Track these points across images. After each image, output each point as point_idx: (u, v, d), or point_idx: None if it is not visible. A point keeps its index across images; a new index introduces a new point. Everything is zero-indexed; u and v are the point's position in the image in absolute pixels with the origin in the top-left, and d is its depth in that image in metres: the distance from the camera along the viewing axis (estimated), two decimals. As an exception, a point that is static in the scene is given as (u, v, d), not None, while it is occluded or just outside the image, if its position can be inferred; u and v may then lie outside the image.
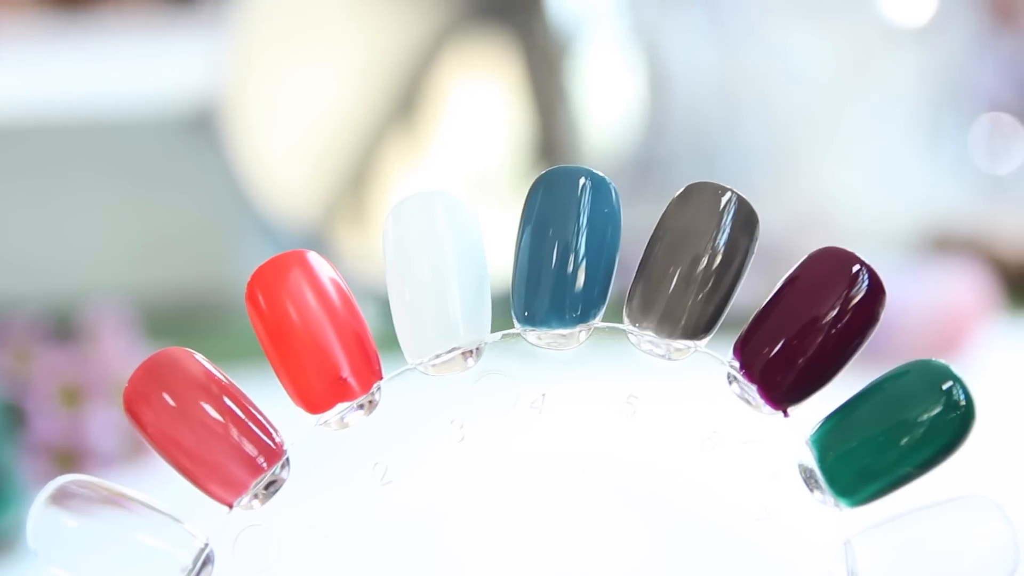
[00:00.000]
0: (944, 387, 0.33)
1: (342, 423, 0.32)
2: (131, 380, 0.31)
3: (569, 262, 0.32)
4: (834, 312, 0.32)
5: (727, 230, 0.33)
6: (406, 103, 0.96)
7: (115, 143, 1.03)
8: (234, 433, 0.31)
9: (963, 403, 0.32)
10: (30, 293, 0.93)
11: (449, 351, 0.32)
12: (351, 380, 0.32)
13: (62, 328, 0.70)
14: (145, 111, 1.01)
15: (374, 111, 0.96)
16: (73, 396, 0.65)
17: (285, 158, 0.96)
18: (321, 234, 0.94)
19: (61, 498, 0.31)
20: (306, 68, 0.98)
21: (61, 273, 1.01)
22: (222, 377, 0.32)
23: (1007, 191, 1.04)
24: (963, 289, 0.80)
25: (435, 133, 0.97)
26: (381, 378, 0.33)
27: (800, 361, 0.33)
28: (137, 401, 0.31)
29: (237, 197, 0.95)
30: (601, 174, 0.33)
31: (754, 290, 0.35)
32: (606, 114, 1.00)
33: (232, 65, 0.96)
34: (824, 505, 0.33)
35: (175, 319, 0.84)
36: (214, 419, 0.31)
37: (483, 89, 0.99)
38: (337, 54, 0.97)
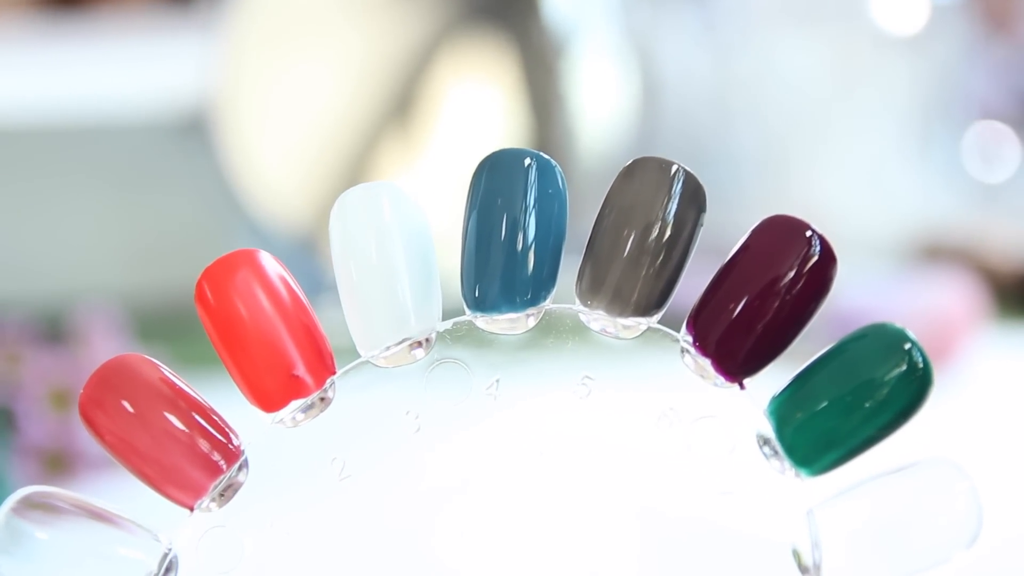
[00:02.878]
0: (901, 350, 0.32)
1: (297, 420, 0.32)
2: (86, 387, 0.31)
3: (516, 245, 0.32)
4: (788, 279, 0.32)
5: (674, 204, 0.32)
6: (401, 105, 0.96)
7: (107, 146, 1.03)
8: (190, 436, 0.31)
9: (921, 365, 0.32)
10: (21, 295, 0.93)
11: (400, 342, 0.32)
12: (304, 376, 0.32)
13: (52, 331, 0.70)
14: (137, 114, 1.01)
15: (369, 113, 0.96)
16: (63, 399, 0.65)
17: (278, 161, 0.96)
18: (314, 237, 0.94)
19: (23, 509, 0.31)
20: (300, 71, 0.98)
21: (52, 276, 1.00)
22: (177, 381, 0.32)
23: (998, 200, 1.04)
24: (953, 298, 0.80)
25: (430, 135, 0.97)
26: (334, 373, 0.33)
27: (755, 331, 0.32)
28: (92, 408, 0.31)
29: (229, 200, 0.95)
30: (545, 156, 0.33)
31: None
32: (599, 119, 1.00)
33: (225, 68, 0.96)
34: (785, 476, 0.33)
35: (166, 322, 0.84)
36: (169, 423, 0.31)
37: (479, 91, 0.99)
38: (332, 57, 0.97)
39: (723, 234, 0.37)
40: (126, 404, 0.31)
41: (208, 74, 0.97)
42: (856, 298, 0.81)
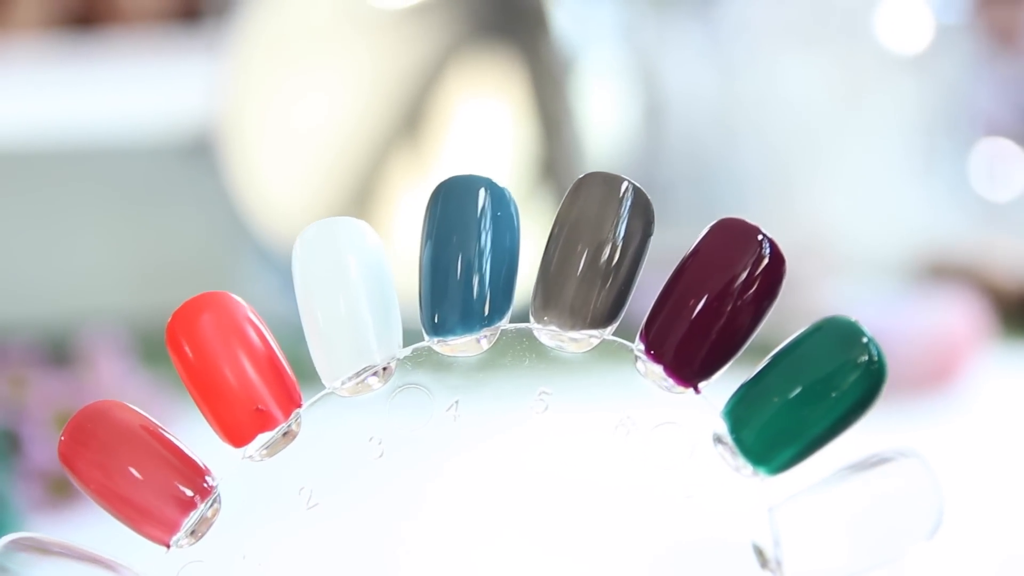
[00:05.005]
0: (854, 344, 0.32)
1: (266, 453, 0.33)
2: (64, 433, 0.33)
3: (471, 269, 0.33)
4: (740, 283, 0.32)
5: (622, 217, 0.33)
6: (410, 122, 0.97)
7: (113, 168, 1.03)
8: (161, 476, 0.32)
9: (875, 359, 0.32)
10: (26, 318, 0.93)
11: (362, 371, 0.33)
12: (272, 410, 0.33)
13: (58, 354, 0.70)
14: (144, 136, 1.02)
15: (378, 131, 0.97)
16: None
17: (285, 183, 0.97)
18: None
19: (10, 552, 0.32)
20: (308, 91, 0.98)
21: (58, 298, 1.01)
22: (151, 423, 0.33)
23: (1004, 218, 1.04)
24: (958, 317, 0.80)
25: (439, 152, 0.97)
26: (300, 406, 0.34)
27: (709, 336, 0.32)
28: (70, 454, 0.33)
29: (236, 223, 0.95)
30: (496, 180, 0.33)
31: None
32: (605, 135, 1.00)
33: (232, 89, 0.96)
34: (744, 476, 0.33)
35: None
36: (142, 465, 0.32)
37: (487, 108, 0.99)
38: (340, 75, 0.98)
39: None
40: (100, 449, 0.32)
41: (215, 95, 0.97)
42: (861, 317, 0.81)
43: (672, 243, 0.36)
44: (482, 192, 0.33)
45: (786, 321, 0.60)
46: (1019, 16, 1.09)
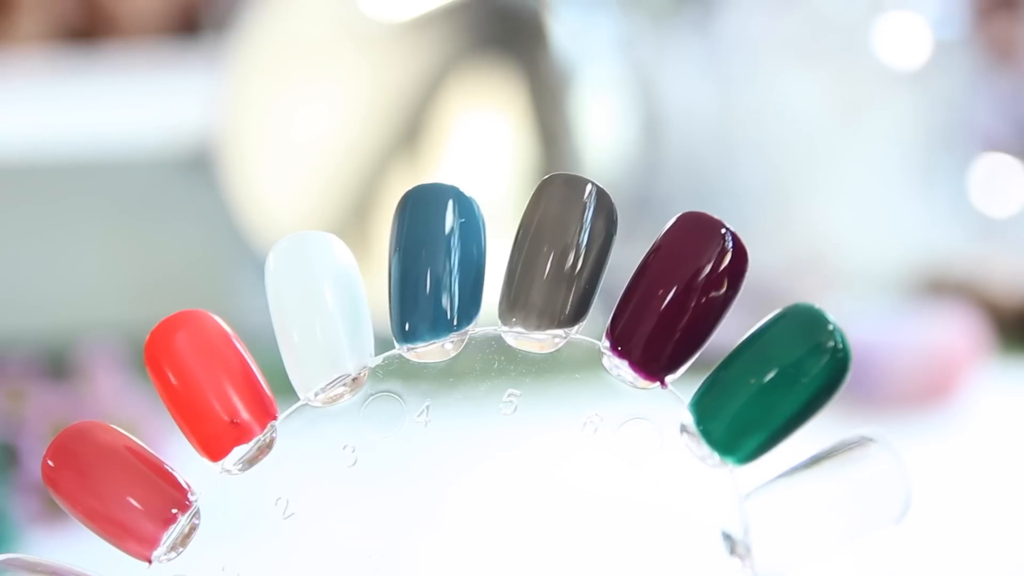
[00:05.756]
0: (818, 331, 0.32)
1: (243, 466, 0.34)
2: (46, 454, 0.34)
3: (438, 276, 0.33)
4: (704, 277, 0.32)
5: (585, 217, 0.33)
6: (409, 136, 0.97)
7: (112, 181, 1.03)
8: (140, 492, 0.34)
9: (839, 346, 0.32)
10: (24, 331, 0.93)
11: (335, 380, 0.34)
12: (248, 422, 0.34)
13: (56, 367, 0.70)
14: (143, 149, 1.02)
15: (377, 145, 0.97)
16: (66, 436, 0.65)
17: (284, 196, 0.97)
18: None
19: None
20: (307, 104, 0.98)
21: (56, 311, 1.01)
22: (132, 442, 0.34)
23: (1002, 234, 1.04)
24: (955, 333, 0.80)
25: (439, 165, 0.97)
26: (275, 418, 0.34)
27: (675, 331, 0.33)
28: (52, 475, 0.34)
29: (234, 237, 0.95)
30: (463, 189, 0.34)
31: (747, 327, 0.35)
32: (604, 149, 1.01)
33: (231, 103, 0.97)
34: (712, 466, 0.33)
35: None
36: (121, 483, 0.34)
37: (486, 121, 0.99)
38: (339, 88, 0.98)
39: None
40: (80, 470, 0.34)
41: (214, 109, 0.97)
42: (858, 333, 0.81)
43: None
44: (449, 201, 0.34)
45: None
46: (1017, 32, 1.09)
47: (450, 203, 0.34)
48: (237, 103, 0.97)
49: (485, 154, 1.00)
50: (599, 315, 0.34)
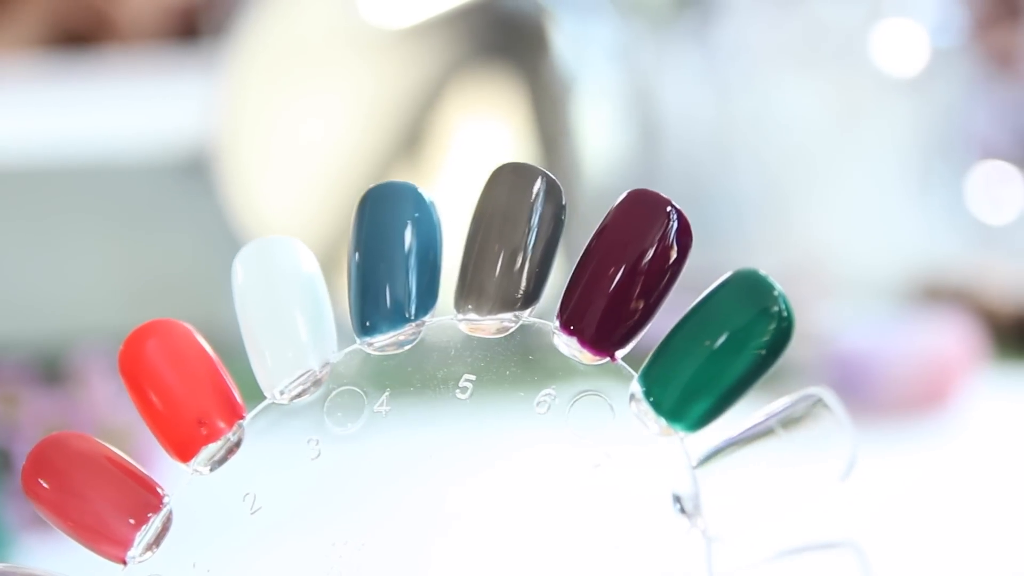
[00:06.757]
0: (762, 296, 0.33)
1: (212, 465, 0.35)
2: (26, 463, 0.35)
3: (395, 270, 0.35)
4: (652, 254, 0.33)
5: (534, 203, 0.34)
6: (409, 142, 0.97)
7: (108, 185, 1.03)
8: (112, 495, 0.35)
9: (783, 309, 0.32)
10: (19, 336, 0.93)
11: (299, 377, 0.35)
12: (216, 423, 0.35)
13: (51, 372, 0.70)
14: (139, 154, 1.02)
15: (376, 151, 0.97)
16: (60, 440, 0.65)
17: (281, 203, 0.97)
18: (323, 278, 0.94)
19: None
20: (306, 109, 0.98)
21: (51, 316, 1.01)
22: (106, 449, 0.35)
23: (999, 241, 1.04)
24: (952, 339, 0.80)
25: (439, 172, 0.97)
26: (243, 418, 0.35)
27: (626, 308, 0.33)
28: (30, 482, 0.35)
29: (231, 242, 0.95)
30: (419, 188, 0.35)
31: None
32: (603, 156, 1.01)
33: (229, 107, 0.97)
34: (665, 436, 0.34)
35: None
36: (93, 487, 0.35)
37: (487, 128, 0.99)
38: (339, 94, 0.98)
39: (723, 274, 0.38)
40: (56, 477, 0.35)
41: (212, 114, 0.97)
42: (855, 339, 0.81)
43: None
44: (406, 199, 0.35)
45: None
46: (1015, 39, 1.09)
47: (407, 201, 0.35)
48: (235, 108, 0.97)
49: (485, 160, 1.00)
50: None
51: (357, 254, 0.35)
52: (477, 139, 1.00)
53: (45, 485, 0.34)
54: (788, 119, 1.03)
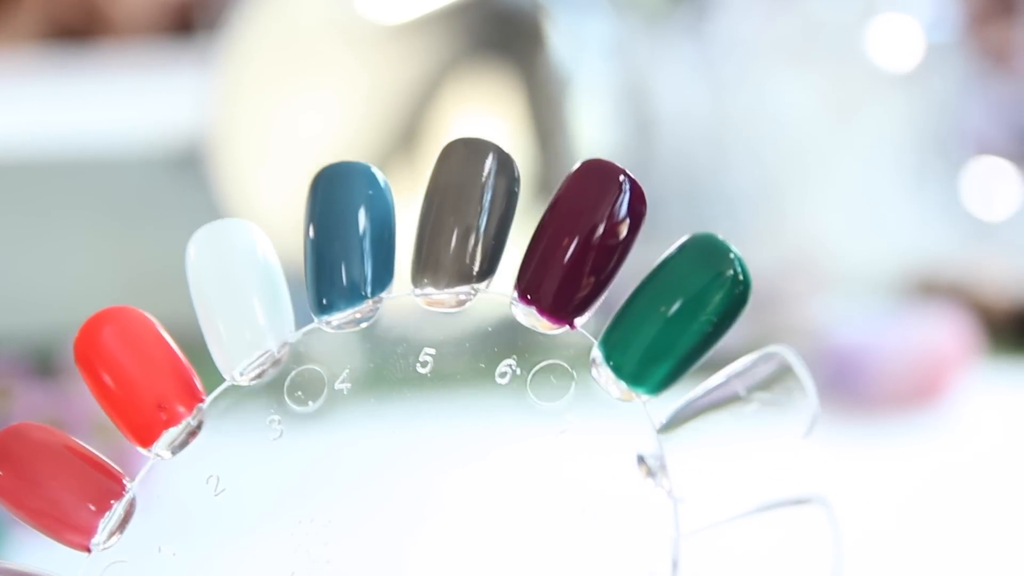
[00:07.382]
0: (719, 259, 0.33)
1: (174, 449, 0.35)
2: None
3: (350, 247, 0.35)
4: (607, 223, 0.33)
5: (486, 176, 0.35)
6: (405, 138, 0.97)
7: (102, 179, 1.03)
8: (74, 484, 0.35)
9: (740, 272, 0.33)
10: (11, 329, 0.93)
11: (257, 358, 0.35)
12: (176, 407, 0.35)
13: (44, 365, 0.70)
14: (133, 148, 1.02)
15: (372, 147, 0.97)
16: (53, 434, 0.65)
17: (276, 197, 0.97)
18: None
19: None
20: (300, 104, 0.98)
21: (44, 310, 1.01)
22: (65, 438, 0.35)
23: (994, 236, 1.04)
24: (946, 334, 0.80)
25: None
26: (202, 401, 0.35)
27: (583, 276, 0.34)
28: None
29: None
30: (370, 166, 0.35)
31: (745, 334, 0.35)
32: (597, 153, 1.01)
33: (223, 102, 0.97)
34: (627, 401, 0.34)
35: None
36: (54, 476, 0.35)
37: (483, 125, 0.99)
38: (334, 90, 0.98)
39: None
40: (16, 468, 0.35)
41: (207, 108, 0.97)
42: (850, 334, 0.81)
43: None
44: (357, 177, 0.35)
45: (775, 338, 0.60)
46: (1010, 35, 1.09)
47: (360, 179, 0.35)
48: (230, 103, 0.97)
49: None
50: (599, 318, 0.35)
51: (312, 233, 0.35)
52: (474, 133, 0.99)
53: (6, 477, 0.34)
54: (783, 114, 1.03)
